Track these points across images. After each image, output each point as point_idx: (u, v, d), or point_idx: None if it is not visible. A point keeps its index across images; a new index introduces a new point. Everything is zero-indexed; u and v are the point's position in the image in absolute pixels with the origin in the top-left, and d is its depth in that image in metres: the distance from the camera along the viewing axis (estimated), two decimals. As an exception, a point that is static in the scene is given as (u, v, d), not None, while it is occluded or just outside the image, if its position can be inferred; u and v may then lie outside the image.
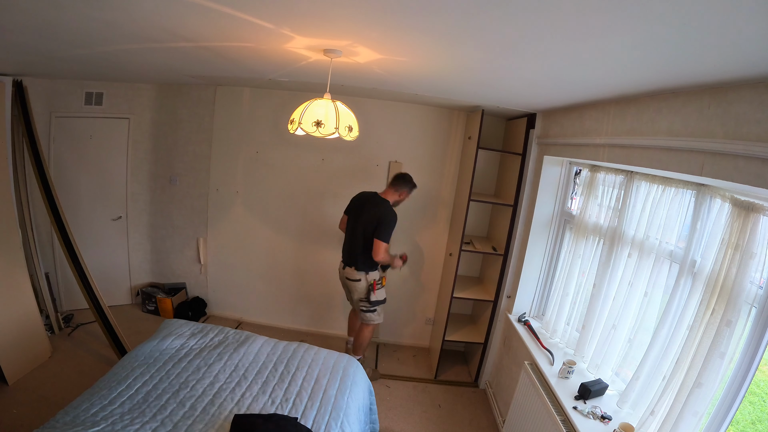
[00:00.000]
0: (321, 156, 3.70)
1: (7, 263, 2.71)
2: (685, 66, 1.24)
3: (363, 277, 2.99)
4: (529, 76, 1.78)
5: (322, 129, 1.81)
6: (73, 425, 1.67)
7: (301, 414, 2.00)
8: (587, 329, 2.25)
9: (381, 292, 3.04)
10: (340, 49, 1.69)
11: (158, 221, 3.99)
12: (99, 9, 1.37)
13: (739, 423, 2.03)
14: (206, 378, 2.15)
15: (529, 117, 2.99)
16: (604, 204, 2.35)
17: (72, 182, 3.60)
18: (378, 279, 3.04)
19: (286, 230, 3.88)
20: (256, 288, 4.02)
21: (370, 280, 3.00)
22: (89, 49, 2.07)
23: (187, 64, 2.54)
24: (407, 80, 2.34)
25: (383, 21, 1.25)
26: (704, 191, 1.65)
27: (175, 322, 2.68)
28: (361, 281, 2.99)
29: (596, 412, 1.87)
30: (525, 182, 3.01)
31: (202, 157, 3.80)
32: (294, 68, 2.30)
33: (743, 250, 1.38)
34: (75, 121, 3.55)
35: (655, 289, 1.87)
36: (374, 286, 2.99)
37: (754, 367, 1.36)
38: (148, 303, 3.92)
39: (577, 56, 1.33)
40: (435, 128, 3.62)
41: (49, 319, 3.32)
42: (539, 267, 2.96)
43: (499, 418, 2.93)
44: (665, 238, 1.85)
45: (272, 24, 1.40)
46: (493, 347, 3.27)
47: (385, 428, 2.78)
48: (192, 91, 3.70)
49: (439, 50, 1.52)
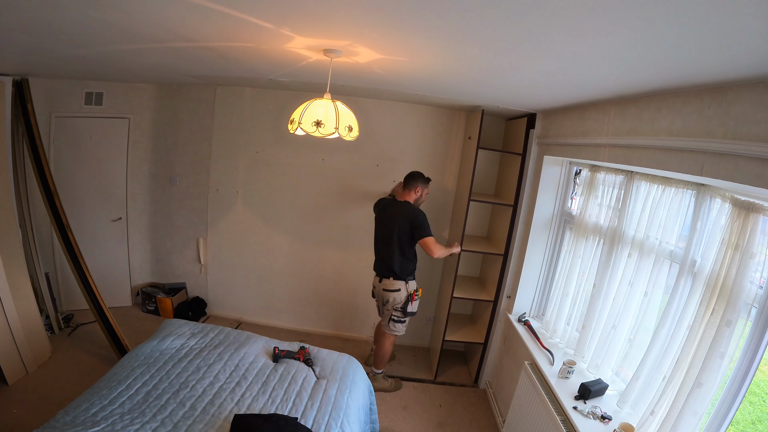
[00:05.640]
0: (321, 156, 3.69)
1: (7, 263, 2.71)
2: (685, 66, 1.24)
3: (403, 287, 2.91)
4: (529, 76, 1.78)
5: (322, 129, 1.81)
6: (73, 425, 1.67)
7: (301, 414, 2.00)
8: (587, 329, 2.25)
9: (416, 303, 2.98)
10: (340, 49, 1.69)
11: (158, 221, 3.99)
12: (99, 9, 1.36)
13: (739, 423, 2.03)
14: (206, 378, 2.15)
15: (529, 117, 2.99)
16: (604, 204, 2.35)
17: (72, 182, 3.60)
18: (416, 290, 2.97)
19: (286, 230, 3.88)
20: (256, 288, 4.02)
21: (410, 290, 2.93)
22: (89, 49, 2.07)
23: (187, 64, 2.54)
24: (407, 80, 2.34)
25: (383, 21, 1.25)
26: (704, 191, 1.65)
27: (175, 322, 2.68)
28: (401, 291, 2.91)
29: (596, 412, 1.87)
30: (525, 182, 3.01)
31: (202, 157, 3.80)
32: (294, 68, 2.30)
33: (743, 250, 1.38)
34: (75, 121, 3.55)
35: (655, 289, 1.87)
36: (413, 296, 2.93)
37: (754, 367, 1.36)
38: (148, 303, 3.92)
39: (577, 56, 1.33)
40: (435, 128, 3.62)
41: (49, 319, 3.32)
42: (539, 267, 2.96)
43: (499, 418, 2.93)
44: (665, 238, 1.85)
45: (272, 24, 1.40)
46: (493, 347, 3.27)
47: (385, 428, 2.78)
48: (192, 91, 3.70)
49: (439, 50, 1.52)
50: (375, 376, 3.15)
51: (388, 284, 2.93)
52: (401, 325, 3.00)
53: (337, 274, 3.92)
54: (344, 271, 3.90)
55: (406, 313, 2.95)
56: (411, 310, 2.95)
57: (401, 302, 2.94)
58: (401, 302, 2.94)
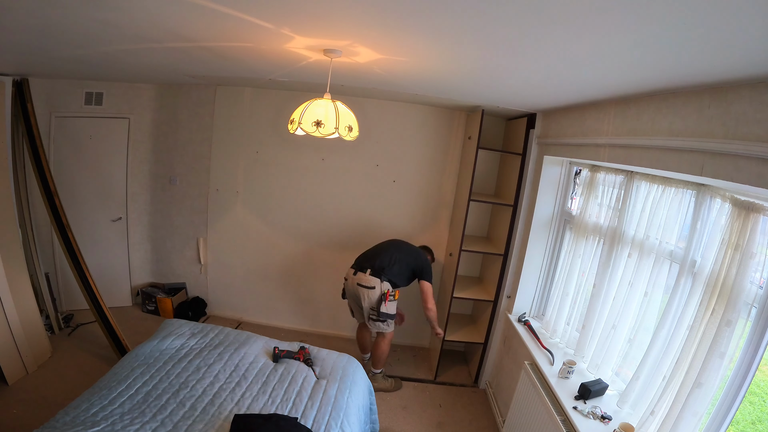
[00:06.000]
0: (321, 156, 3.70)
1: (7, 263, 2.71)
2: (685, 66, 1.24)
3: (378, 285, 2.86)
4: (529, 76, 1.78)
5: (322, 129, 1.81)
6: (73, 425, 1.67)
7: (301, 414, 2.00)
8: (587, 329, 2.25)
9: (392, 305, 2.90)
10: (340, 49, 1.69)
11: (158, 221, 3.99)
12: (99, 9, 1.36)
13: (739, 423, 2.03)
14: (206, 378, 2.15)
15: (529, 117, 2.99)
16: (604, 204, 2.35)
17: (72, 182, 3.60)
18: (392, 290, 2.90)
19: (286, 230, 3.88)
20: (256, 288, 4.02)
21: (384, 289, 2.87)
22: (89, 49, 2.07)
23: (187, 64, 2.54)
24: (407, 80, 2.34)
25: (383, 21, 1.25)
26: (704, 191, 1.65)
27: (175, 322, 2.68)
28: (375, 288, 2.85)
29: (596, 412, 1.87)
30: (525, 182, 3.01)
31: (202, 157, 3.80)
32: (294, 68, 2.30)
33: (743, 250, 1.38)
34: (75, 121, 3.55)
35: (655, 289, 1.87)
36: (387, 296, 2.85)
37: (754, 367, 1.36)
38: (148, 303, 3.92)
39: (577, 56, 1.33)
40: (435, 128, 3.62)
41: (49, 319, 3.32)
42: (539, 267, 2.96)
43: (499, 418, 2.93)
44: (665, 238, 1.85)
45: (272, 24, 1.40)
46: (493, 347, 3.27)
47: (385, 428, 2.78)
48: (192, 91, 3.70)
49: (439, 50, 1.52)
50: (374, 376, 3.15)
51: (363, 279, 2.87)
52: (384, 324, 2.91)
53: (337, 274, 3.90)
54: (344, 271, 3.88)
55: (380, 313, 2.86)
56: (385, 310, 2.86)
57: (374, 301, 2.87)
58: (374, 301, 2.87)
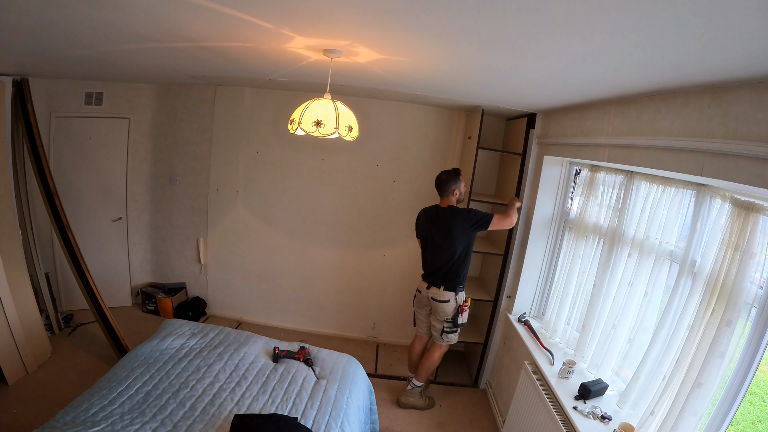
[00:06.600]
0: (321, 156, 3.70)
1: (7, 263, 2.71)
2: (686, 66, 1.24)
3: (452, 298, 2.80)
4: (529, 76, 1.78)
5: (322, 129, 1.81)
6: (73, 425, 1.67)
7: (301, 414, 2.00)
8: (587, 329, 2.25)
9: (466, 314, 2.89)
10: (340, 49, 1.69)
11: (158, 221, 3.99)
12: (99, 9, 1.36)
13: (739, 423, 2.04)
14: (206, 378, 2.15)
15: (529, 117, 2.99)
16: (604, 204, 2.35)
17: (72, 182, 3.60)
18: (465, 300, 2.87)
19: (286, 230, 3.88)
20: (256, 288, 4.02)
21: (459, 301, 2.83)
22: (89, 49, 2.07)
23: (187, 64, 2.54)
24: (407, 80, 2.34)
25: (383, 21, 1.25)
26: (704, 191, 1.65)
27: (175, 322, 2.68)
28: (450, 302, 2.81)
29: (596, 412, 1.87)
30: (525, 182, 3.01)
31: (202, 157, 3.80)
32: (294, 68, 2.30)
33: (743, 250, 1.38)
34: (75, 121, 3.55)
35: (655, 289, 1.87)
36: (463, 307, 2.83)
37: (754, 367, 1.36)
38: (148, 303, 3.92)
39: (577, 56, 1.33)
40: (435, 128, 3.62)
41: (49, 319, 3.32)
42: (539, 267, 2.96)
43: (499, 418, 2.93)
44: (665, 238, 1.85)
45: (272, 24, 1.40)
46: (493, 347, 3.27)
47: (385, 428, 2.78)
48: (192, 91, 3.70)
49: (439, 50, 1.52)
50: (411, 391, 3.01)
51: (437, 294, 2.81)
52: (454, 335, 2.91)
53: (337, 274, 3.92)
54: (345, 271, 3.90)
55: (457, 324, 2.86)
56: (462, 321, 2.85)
57: (451, 314, 2.84)
58: (451, 314, 2.84)
